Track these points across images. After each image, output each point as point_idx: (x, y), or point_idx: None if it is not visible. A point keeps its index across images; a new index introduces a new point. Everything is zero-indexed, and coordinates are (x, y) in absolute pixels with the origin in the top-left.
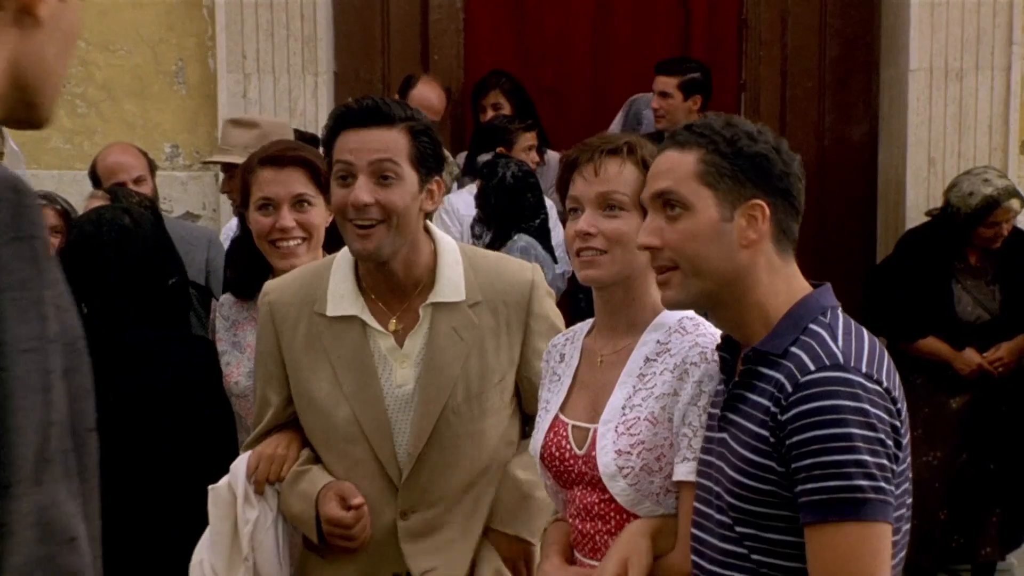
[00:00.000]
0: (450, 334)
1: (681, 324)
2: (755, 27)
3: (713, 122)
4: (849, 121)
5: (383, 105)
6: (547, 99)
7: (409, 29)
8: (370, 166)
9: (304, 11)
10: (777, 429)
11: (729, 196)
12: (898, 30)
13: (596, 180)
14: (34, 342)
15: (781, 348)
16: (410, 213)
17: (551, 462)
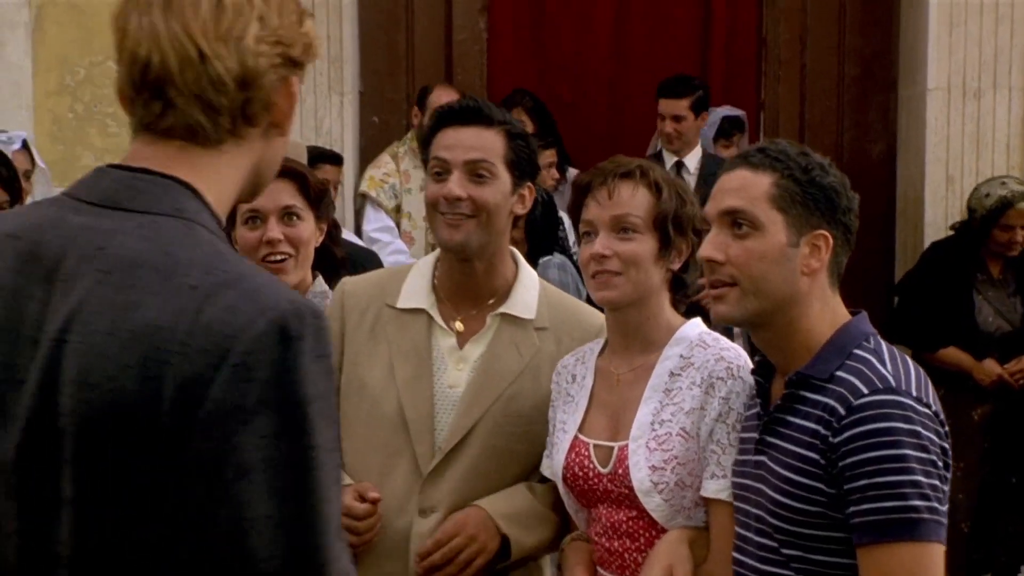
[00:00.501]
0: (510, 347)
1: (701, 339)
2: (774, 46)
3: (788, 148)
4: (868, 139)
5: (484, 106)
6: (566, 116)
7: (433, 49)
8: (465, 164)
9: (330, 32)
10: (828, 451)
11: (798, 223)
12: (916, 50)
13: (610, 203)
14: (333, 443)
15: (827, 373)
16: (500, 212)
17: (574, 482)
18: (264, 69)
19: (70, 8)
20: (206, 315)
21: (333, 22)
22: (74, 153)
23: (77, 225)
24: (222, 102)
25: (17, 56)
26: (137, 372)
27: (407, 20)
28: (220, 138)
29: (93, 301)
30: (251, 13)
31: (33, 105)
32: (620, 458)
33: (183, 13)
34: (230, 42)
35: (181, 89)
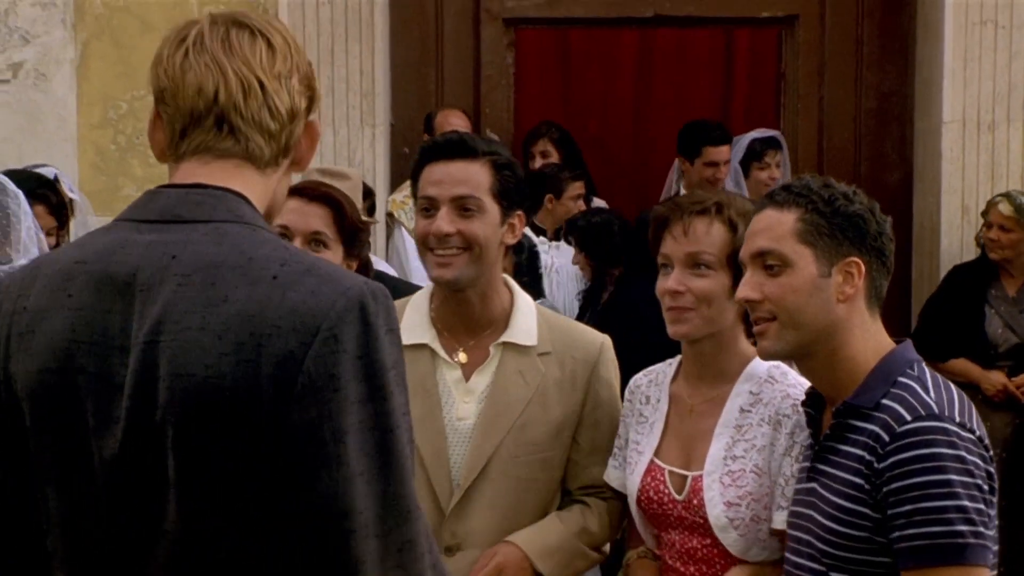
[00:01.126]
0: (516, 376)
1: (770, 374)
2: (793, 80)
3: (811, 183)
4: (884, 170)
5: (468, 139)
6: (592, 149)
7: (462, 83)
8: (452, 200)
9: (363, 66)
10: (873, 477)
11: (827, 253)
12: (932, 84)
13: (685, 240)
14: (405, 407)
15: (873, 401)
16: (491, 244)
17: (648, 505)
18: (301, 107)
19: (114, 45)
20: (291, 300)
21: (366, 57)
22: (116, 184)
23: (144, 243)
24: (276, 129)
25: (63, 91)
26: (233, 358)
27: (437, 56)
28: (269, 163)
29: (179, 303)
30: (293, 59)
31: (77, 137)
32: (695, 488)
33: (243, 52)
34: (282, 79)
35: (245, 116)
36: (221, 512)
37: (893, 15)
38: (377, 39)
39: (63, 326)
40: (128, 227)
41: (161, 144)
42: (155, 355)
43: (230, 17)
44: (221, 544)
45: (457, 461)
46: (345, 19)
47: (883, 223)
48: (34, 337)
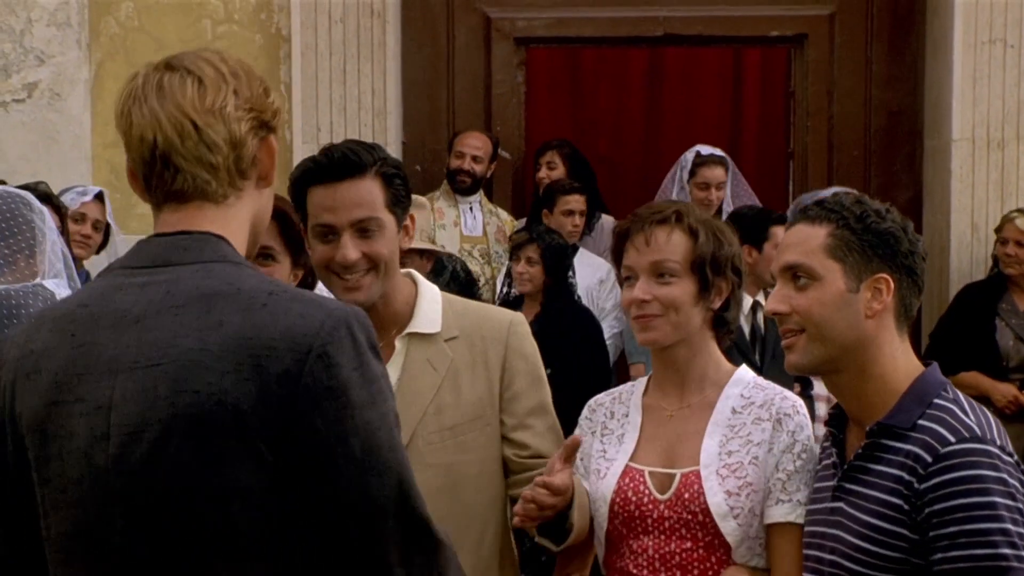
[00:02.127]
0: (424, 364)
1: (756, 382)
2: (802, 99)
3: (844, 199)
4: (894, 189)
5: (351, 154)
6: (602, 167)
7: (473, 102)
8: (352, 225)
9: (375, 86)
10: (914, 498)
11: (856, 269)
12: (941, 102)
13: (648, 249)
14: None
15: (910, 422)
16: (393, 257)
17: (624, 507)
18: (243, 131)
19: (128, 65)
20: (283, 323)
21: (378, 77)
22: (130, 202)
23: (138, 283)
24: (219, 160)
25: (77, 110)
26: (234, 376)
27: (448, 74)
28: (224, 192)
29: (178, 329)
30: (227, 88)
31: (92, 156)
32: (685, 484)
33: (174, 96)
34: (215, 112)
35: (185, 156)
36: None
37: (902, 34)
38: (389, 58)
39: (65, 361)
40: (124, 273)
41: (139, 189)
42: (156, 377)
43: (165, 62)
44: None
45: None
46: (357, 39)
47: (916, 242)
48: (40, 376)
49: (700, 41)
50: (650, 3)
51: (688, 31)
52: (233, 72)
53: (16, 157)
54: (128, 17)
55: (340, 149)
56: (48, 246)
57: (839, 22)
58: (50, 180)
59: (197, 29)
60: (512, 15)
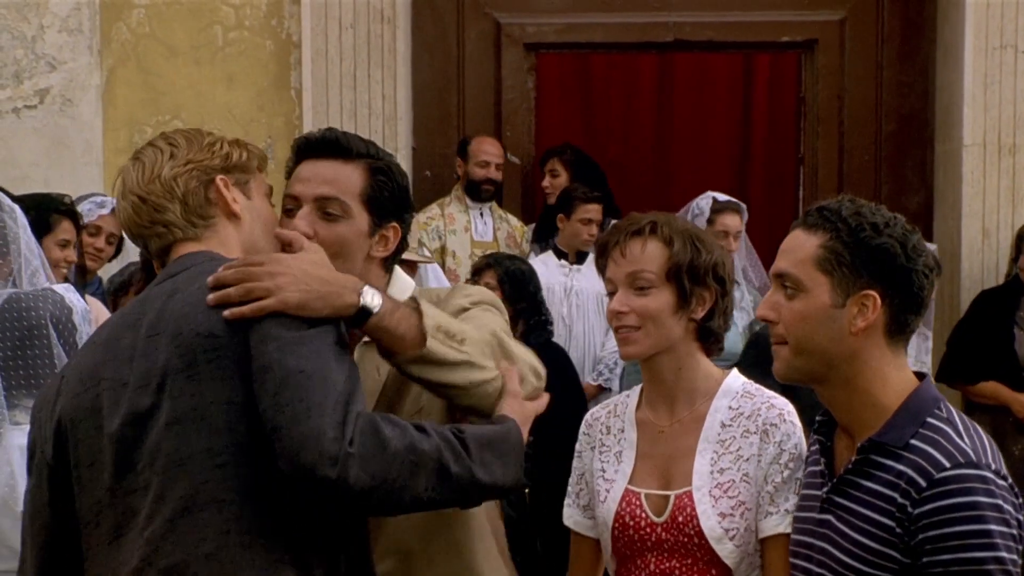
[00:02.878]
0: (371, 372)
1: (746, 389)
2: (812, 104)
3: (843, 208)
4: (905, 193)
5: (342, 139)
6: (612, 172)
7: (483, 108)
8: (315, 200)
9: (385, 91)
10: (907, 522)
11: (843, 284)
12: (952, 107)
13: (624, 261)
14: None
15: (902, 441)
16: (353, 253)
17: (623, 531)
18: (188, 186)
19: (139, 71)
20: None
21: (388, 83)
22: None
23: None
24: (170, 217)
25: (89, 116)
26: (210, 312)
27: (458, 80)
28: (195, 233)
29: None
30: (162, 157)
31: (103, 162)
32: (679, 506)
33: (129, 182)
34: (156, 181)
35: (146, 223)
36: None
37: (913, 39)
38: (399, 64)
39: (93, 359)
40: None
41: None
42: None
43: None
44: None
45: None
46: (368, 45)
47: (915, 257)
48: (74, 376)
49: (710, 47)
50: (660, 9)
51: (698, 37)
52: (171, 142)
53: (28, 163)
54: (139, 23)
55: (336, 132)
56: (22, 245)
57: (850, 27)
58: (61, 186)
59: (208, 35)
60: (522, 21)
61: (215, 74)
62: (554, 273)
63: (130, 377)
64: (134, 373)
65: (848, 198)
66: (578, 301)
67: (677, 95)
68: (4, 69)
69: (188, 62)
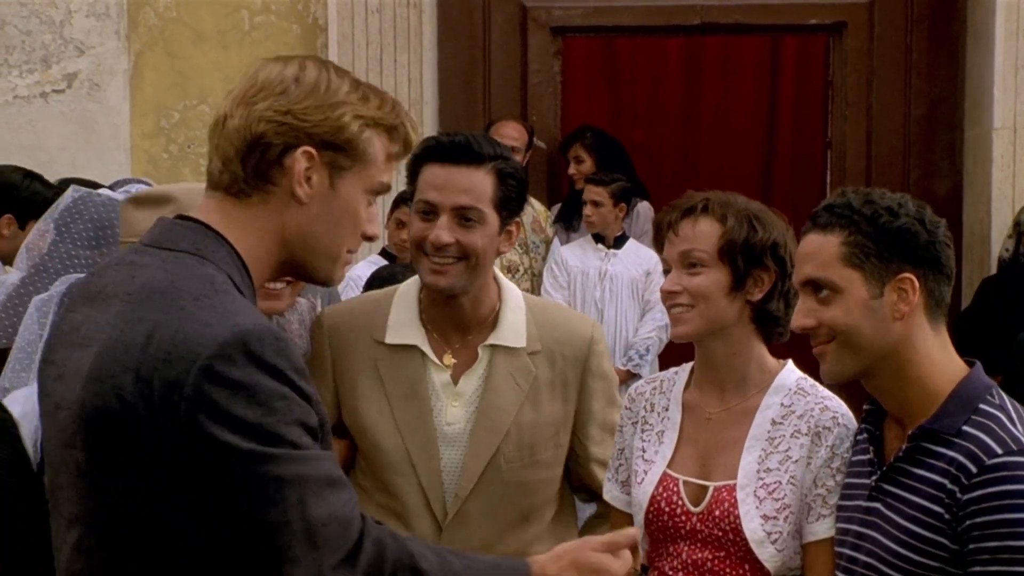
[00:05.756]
0: (508, 379)
1: (799, 386)
2: (841, 88)
3: (852, 201)
4: (934, 177)
5: (473, 142)
6: (639, 156)
7: (509, 92)
8: (453, 209)
9: (411, 76)
10: (956, 508)
11: (876, 274)
12: (982, 90)
13: (677, 240)
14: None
15: (954, 428)
16: (488, 254)
17: (657, 516)
18: (266, 132)
19: (166, 56)
20: (186, 329)
21: (414, 67)
22: None
23: (128, 262)
24: (229, 152)
25: (116, 100)
26: (133, 375)
27: (484, 64)
28: (241, 188)
29: (117, 317)
30: (273, 90)
31: (130, 146)
32: (717, 499)
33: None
34: (246, 106)
35: (213, 142)
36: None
37: (943, 22)
38: (425, 48)
39: (55, 327)
40: (132, 250)
41: None
42: (84, 358)
43: None
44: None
45: (449, 467)
46: (394, 28)
47: (935, 230)
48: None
49: (738, 30)
50: None
51: (726, 20)
52: (298, 79)
53: (55, 147)
54: (167, 8)
55: (465, 135)
56: None
57: (878, 10)
58: (88, 170)
59: (235, 19)
60: (548, 4)
61: (242, 58)
62: (590, 257)
63: (63, 373)
64: (64, 377)
65: (851, 190)
66: (612, 286)
67: (704, 79)
68: (32, 54)
69: (215, 46)
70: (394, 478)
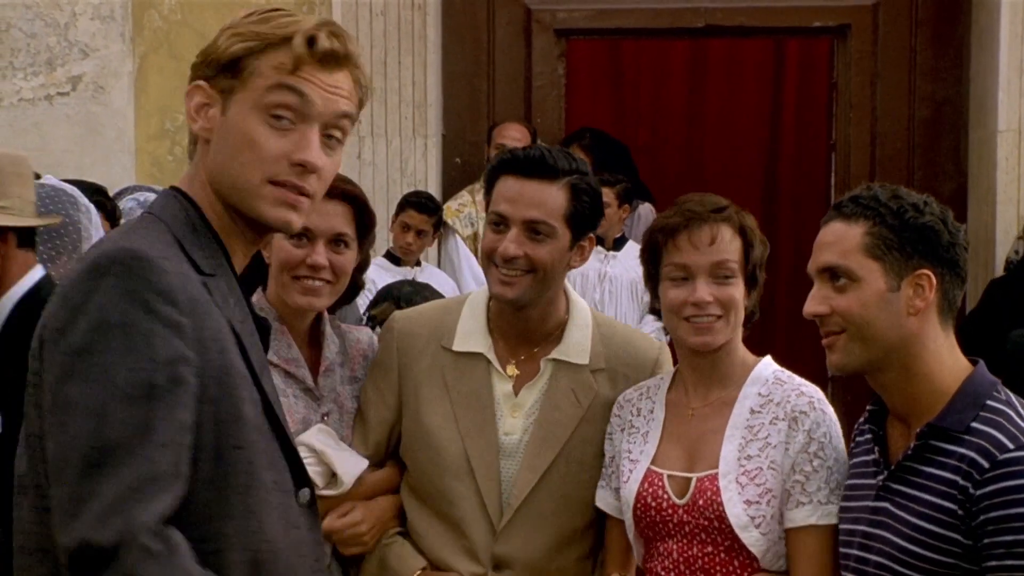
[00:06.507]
0: (568, 394)
1: (777, 376)
2: (845, 90)
3: (879, 193)
4: (939, 180)
5: (548, 157)
6: (643, 157)
7: (513, 94)
8: (524, 223)
9: (415, 78)
10: (968, 504)
11: (896, 267)
12: (987, 92)
13: (708, 249)
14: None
15: (963, 425)
16: (556, 268)
17: (644, 512)
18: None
19: (171, 58)
20: (73, 267)
21: (418, 69)
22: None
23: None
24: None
25: (121, 103)
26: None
27: (488, 67)
28: (192, 148)
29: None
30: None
31: (135, 149)
32: (700, 489)
33: None
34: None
35: None
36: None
37: (947, 24)
38: (429, 51)
39: None
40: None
41: None
42: None
43: None
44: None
45: (505, 477)
46: (398, 31)
47: (956, 233)
48: None
49: (742, 32)
50: None
51: (730, 22)
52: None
53: (60, 150)
54: (171, 11)
55: (542, 149)
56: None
57: (883, 12)
58: (93, 173)
59: None
60: (553, 7)
61: None
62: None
63: None
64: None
65: (879, 184)
66: (611, 288)
67: (708, 81)
68: (37, 56)
69: None
70: (452, 484)
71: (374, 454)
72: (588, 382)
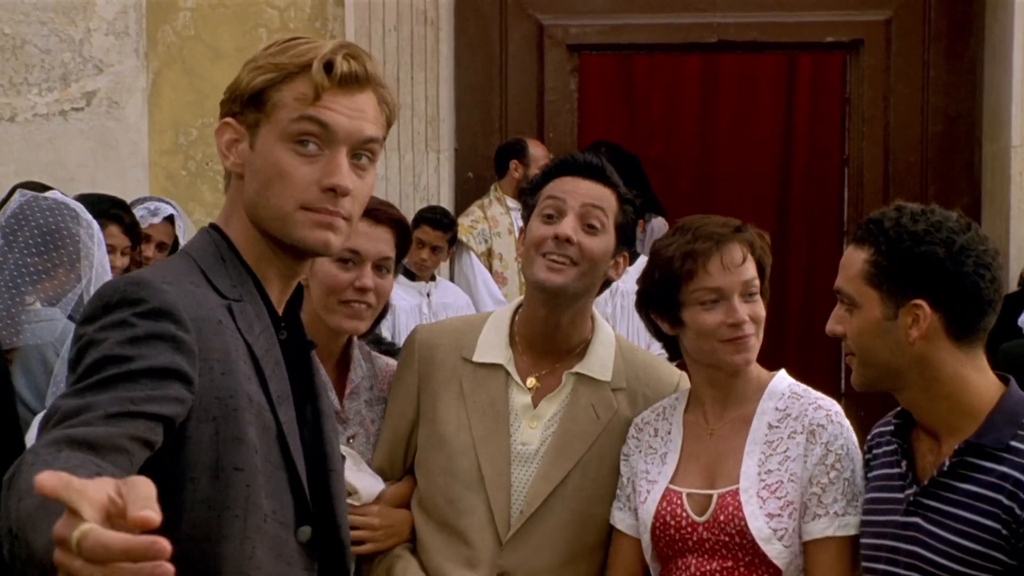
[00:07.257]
0: (588, 409)
1: (792, 390)
2: (858, 105)
3: (886, 218)
4: (952, 195)
5: (606, 167)
6: (654, 172)
7: (525, 108)
8: (582, 208)
9: (428, 93)
10: (1014, 524)
11: (892, 296)
12: (1000, 107)
13: (738, 270)
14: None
15: (1001, 443)
16: (600, 267)
17: (664, 531)
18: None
19: (184, 73)
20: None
21: (431, 84)
22: (186, 208)
23: None
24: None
25: (135, 118)
26: None
27: (501, 81)
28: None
29: None
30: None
31: (148, 163)
32: (721, 505)
33: None
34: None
35: None
36: None
37: (960, 39)
38: (442, 65)
39: None
40: None
41: None
42: None
43: None
44: None
45: (517, 486)
46: (411, 46)
47: (964, 259)
48: None
49: (754, 47)
50: (704, 9)
51: (742, 37)
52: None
53: (75, 165)
54: (185, 26)
55: (601, 158)
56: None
57: (896, 27)
58: (108, 187)
59: (253, 37)
60: (565, 22)
61: None
62: None
63: None
64: None
65: (895, 206)
66: (623, 302)
67: (720, 96)
68: (51, 72)
69: (233, 64)
70: (462, 492)
71: (392, 466)
72: (608, 399)
